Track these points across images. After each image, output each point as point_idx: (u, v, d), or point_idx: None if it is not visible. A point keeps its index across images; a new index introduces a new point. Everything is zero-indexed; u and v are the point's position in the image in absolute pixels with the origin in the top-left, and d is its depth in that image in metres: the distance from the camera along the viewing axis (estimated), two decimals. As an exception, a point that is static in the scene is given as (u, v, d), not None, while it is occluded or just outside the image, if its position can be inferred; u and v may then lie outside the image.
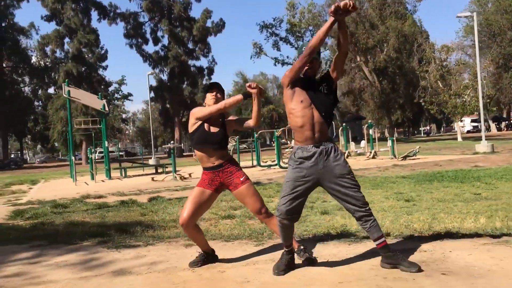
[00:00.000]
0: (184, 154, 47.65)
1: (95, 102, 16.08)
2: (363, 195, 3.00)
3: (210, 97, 3.44)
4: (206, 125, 3.38)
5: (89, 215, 6.67)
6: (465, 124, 75.87)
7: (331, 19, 2.78)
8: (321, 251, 3.58)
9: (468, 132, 64.65)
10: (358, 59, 42.93)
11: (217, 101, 3.41)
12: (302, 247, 3.31)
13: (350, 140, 18.83)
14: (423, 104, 37.93)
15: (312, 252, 3.42)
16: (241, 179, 3.35)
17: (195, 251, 3.76)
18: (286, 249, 3.13)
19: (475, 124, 62.54)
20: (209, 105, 3.41)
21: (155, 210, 6.67)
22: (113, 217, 6.33)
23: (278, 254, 3.36)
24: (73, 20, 40.14)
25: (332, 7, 2.71)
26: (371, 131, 16.74)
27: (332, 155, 2.99)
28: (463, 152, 18.76)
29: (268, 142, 63.22)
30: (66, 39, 41.81)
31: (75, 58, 39.93)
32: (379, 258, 3.10)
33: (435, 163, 13.18)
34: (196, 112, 3.37)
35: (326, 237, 4.12)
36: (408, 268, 2.87)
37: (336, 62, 3.05)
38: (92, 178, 14.64)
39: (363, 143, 18.54)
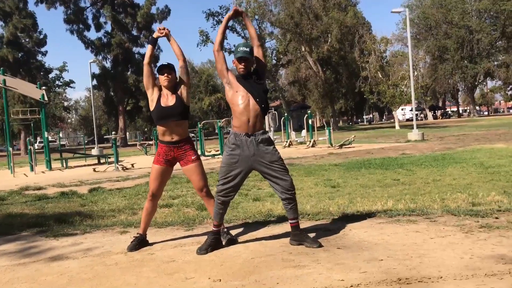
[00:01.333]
0: (129, 143, 46.86)
1: (33, 91, 15.67)
2: (291, 180, 3.49)
3: (163, 78, 3.77)
4: (162, 100, 3.75)
5: (28, 206, 6.77)
6: (406, 112, 79.80)
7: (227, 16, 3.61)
8: (243, 233, 4.05)
9: (408, 120, 68.10)
10: (303, 49, 43.95)
11: (170, 81, 3.75)
12: (225, 230, 3.76)
13: (292, 130, 19.55)
14: (364, 93, 39.63)
15: (233, 234, 3.86)
16: (193, 157, 3.77)
17: (129, 237, 4.11)
18: (214, 229, 3.56)
19: (415, 112, 65.96)
20: (163, 86, 3.77)
21: (95, 201, 6.88)
22: (52, 208, 6.48)
23: (205, 238, 3.78)
24: (7, 3, 38.10)
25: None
26: (310, 121, 17.51)
27: (262, 144, 3.42)
28: (397, 140, 20.04)
29: (216, 131, 63.38)
30: (0, 23, 39.67)
31: (10, 43, 38.00)
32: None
33: (367, 151, 14.11)
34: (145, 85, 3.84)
35: (251, 221, 4.59)
36: (310, 244, 3.38)
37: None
38: (32, 169, 14.35)
39: (303, 132, 19.32)
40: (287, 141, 17.93)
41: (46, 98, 14.83)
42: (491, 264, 2.80)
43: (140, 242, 3.76)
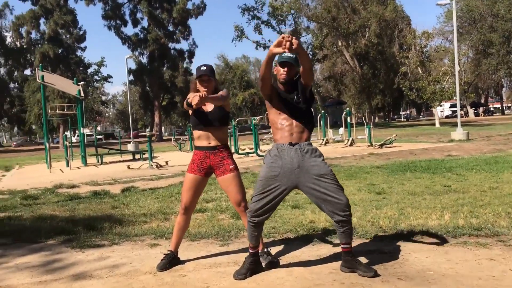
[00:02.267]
0: (163, 138, 47.30)
1: (70, 87, 15.75)
2: (347, 200, 2.95)
3: (201, 84, 3.40)
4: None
5: (59, 207, 6.58)
6: (444, 109, 77.10)
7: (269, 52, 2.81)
8: (284, 252, 3.60)
9: (447, 117, 65.70)
10: (340, 43, 42.93)
11: (209, 86, 3.37)
12: (266, 250, 3.33)
13: (329, 127, 18.91)
14: (403, 89, 38.30)
15: (274, 256, 3.43)
16: (231, 167, 3.37)
17: (159, 252, 3.75)
18: (251, 251, 3.13)
19: (454, 109, 63.47)
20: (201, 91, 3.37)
21: (126, 203, 6.62)
22: (83, 210, 6.26)
23: (242, 256, 3.37)
24: (49, 0, 39.00)
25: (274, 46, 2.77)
26: (348, 118, 16.84)
27: (308, 154, 2.97)
28: (439, 139, 19.06)
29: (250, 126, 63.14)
30: (42, 20, 40.67)
31: (51, 39, 38.96)
32: (339, 262, 3.13)
33: (410, 151, 13.36)
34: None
35: (292, 236, 4.15)
36: (365, 272, 2.90)
37: (303, 75, 3.04)
38: (68, 165, 14.42)
39: (341, 130, 18.66)
40: (323, 139, 17.33)
41: (82, 94, 14.85)
42: None
43: (171, 261, 3.39)
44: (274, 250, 3.63)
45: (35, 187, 9.40)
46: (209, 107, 3.40)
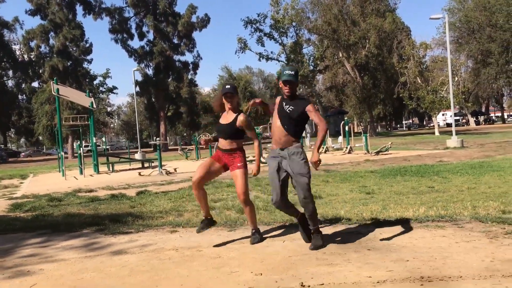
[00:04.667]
0: (169, 148, 48.24)
1: (83, 99, 16.68)
2: (304, 195, 3.81)
3: (225, 101, 4.23)
4: (222, 117, 4.31)
5: (83, 207, 7.41)
6: (446, 117, 77.79)
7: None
8: (281, 234, 4.43)
9: (449, 125, 66.39)
10: (340, 55, 43.93)
11: (232, 103, 4.19)
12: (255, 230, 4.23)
13: (329, 136, 19.74)
14: (403, 99, 39.17)
15: (266, 236, 4.25)
16: (239, 164, 4.17)
17: (178, 236, 4.57)
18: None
19: (457, 118, 64.17)
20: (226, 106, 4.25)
21: (143, 203, 7.44)
22: (105, 209, 7.08)
23: (247, 237, 4.18)
24: (58, 15, 40.29)
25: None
26: (346, 127, 17.69)
27: (293, 156, 3.82)
28: (436, 147, 19.84)
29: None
30: (51, 34, 41.92)
31: (60, 53, 40.14)
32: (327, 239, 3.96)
33: (404, 158, 14.16)
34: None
35: (288, 224, 4.97)
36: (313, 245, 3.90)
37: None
38: (81, 172, 15.28)
39: (340, 138, 19.48)
40: (323, 147, 18.15)
41: (94, 106, 15.75)
42: (511, 266, 3.05)
43: (208, 224, 4.27)
44: (273, 233, 4.45)
45: (56, 192, 10.24)
46: (226, 120, 4.24)
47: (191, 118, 50.10)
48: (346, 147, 17.33)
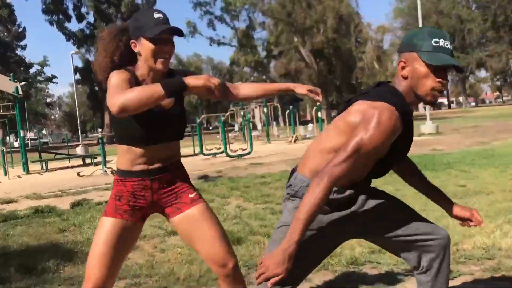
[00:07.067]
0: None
1: (5, 84, 13.74)
2: None
3: (157, 47, 1.82)
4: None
5: (-14, 234, 5.01)
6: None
7: None
8: None
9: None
10: (295, 39, 42.34)
11: (169, 60, 1.87)
12: None
13: (287, 124, 17.96)
14: (361, 85, 38.30)
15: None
16: (191, 195, 1.93)
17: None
18: None
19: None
20: (155, 67, 1.84)
21: (79, 223, 5.16)
22: (19, 236, 4.76)
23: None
24: (-19, -8, 35.71)
25: None
26: (319, 114, 15.96)
27: None
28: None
29: (206, 126, 61.46)
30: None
31: (-15, 35, 35.64)
32: None
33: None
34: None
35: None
36: None
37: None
38: (5, 173, 12.47)
39: (310, 126, 17.79)
40: (293, 136, 16.30)
41: (20, 92, 12.94)
42: None
43: None
44: None
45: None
46: (167, 103, 1.88)
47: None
48: (293, 136, 15.81)
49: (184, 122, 1.96)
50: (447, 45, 1.61)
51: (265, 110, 18.10)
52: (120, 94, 1.65)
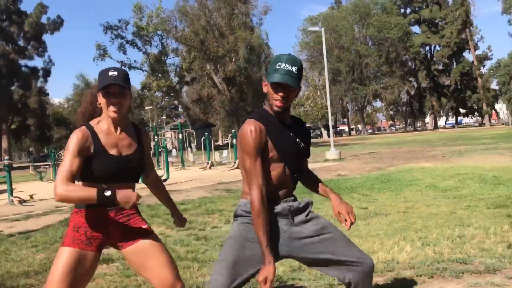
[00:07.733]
0: (14, 166, 41.40)
1: None
2: None
3: (106, 100, 2.11)
4: (105, 142, 2.11)
5: None
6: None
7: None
8: None
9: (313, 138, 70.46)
10: (208, 67, 43.07)
11: (122, 103, 2.13)
12: None
13: (195, 149, 18.30)
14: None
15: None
16: (144, 227, 2.16)
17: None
18: None
19: (316, 132, 68.15)
20: (109, 115, 2.13)
21: (-7, 257, 4.96)
22: None
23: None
24: None
25: None
26: (234, 140, 16.53)
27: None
28: (314, 159, 19.81)
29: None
30: None
31: None
32: None
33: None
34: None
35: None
36: None
37: None
38: None
39: (225, 152, 18.22)
40: (208, 162, 16.57)
41: None
42: None
43: None
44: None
45: None
46: (124, 146, 2.17)
47: (41, 132, 43.81)
48: (208, 162, 16.36)
49: (141, 166, 2.25)
50: (286, 67, 2.00)
51: (180, 136, 18.23)
52: (64, 184, 1.95)
